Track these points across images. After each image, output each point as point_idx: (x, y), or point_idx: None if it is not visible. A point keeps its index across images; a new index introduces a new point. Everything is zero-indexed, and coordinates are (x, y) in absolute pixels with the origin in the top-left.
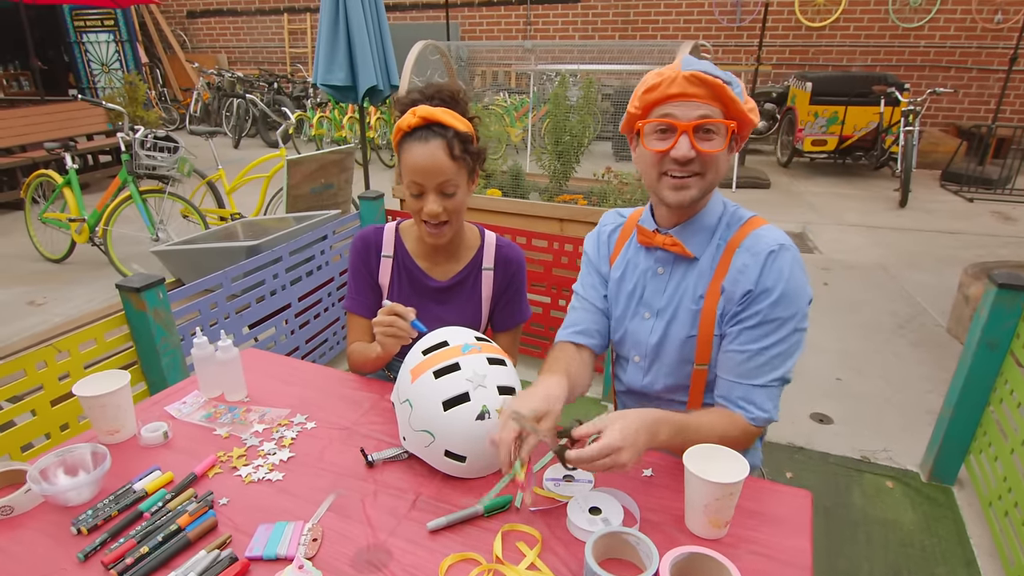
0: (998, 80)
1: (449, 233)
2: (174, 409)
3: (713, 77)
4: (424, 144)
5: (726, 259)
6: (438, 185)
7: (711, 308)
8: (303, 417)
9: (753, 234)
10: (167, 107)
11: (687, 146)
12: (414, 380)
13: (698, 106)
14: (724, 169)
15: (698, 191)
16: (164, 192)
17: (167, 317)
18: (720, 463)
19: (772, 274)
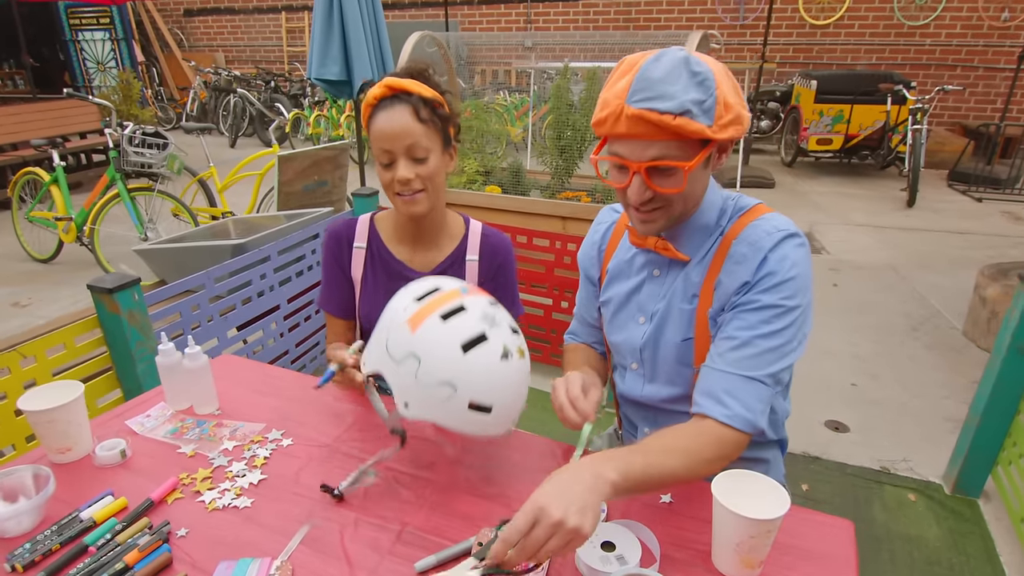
0: (1005, 79)
1: (425, 202)
2: (136, 423)
3: (660, 115)
4: (390, 111)
5: (721, 252)
6: (407, 148)
7: (706, 308)
8: (279, 433)
9: (753, 224)
10: (163, 106)
11: (641, 188)
12: (415, 330)
13: (648, 144)
14: (702, 187)
15: (666, 220)
16: (153, 190)
17: (143, 320)
18: (754, 493)
19: (774, 261)
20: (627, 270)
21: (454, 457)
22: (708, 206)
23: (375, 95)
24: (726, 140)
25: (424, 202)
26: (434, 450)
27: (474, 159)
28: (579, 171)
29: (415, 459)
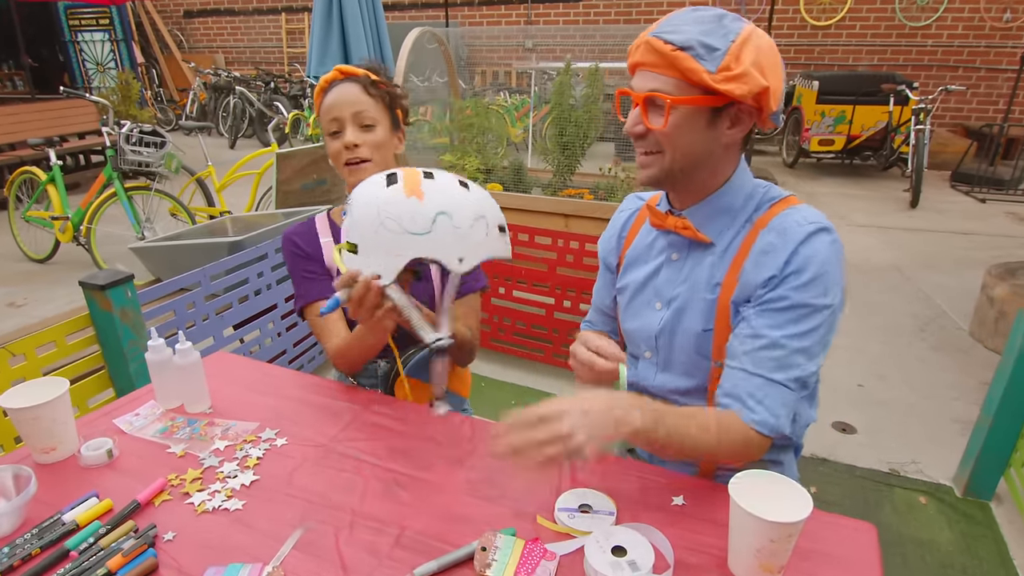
0: (1007, 80)
1: (371, 171)
2: (124, 422)
3: (665, 43)
4: (339, 87)
5: (748, 241)
6: (353, 115)
7: (728, 297)
8: (273, 432)
9: (783, 213)
10: (162, 107)
11: (634, 119)
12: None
13: (652, 77)
14: (698, 146)
15: (658, 170)
16: (151, 189)
17: (136, 318)
18: (774, 495)
19: (804, 256)
20: (646, 255)
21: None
22: (734, 188)
23: (327, 79)
24: (727, 96)
25: (369, 171)
26: (434, 451)
27: (475, 157)
28: (581, 169)
29: (413, 460)
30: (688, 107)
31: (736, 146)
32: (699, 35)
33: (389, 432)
